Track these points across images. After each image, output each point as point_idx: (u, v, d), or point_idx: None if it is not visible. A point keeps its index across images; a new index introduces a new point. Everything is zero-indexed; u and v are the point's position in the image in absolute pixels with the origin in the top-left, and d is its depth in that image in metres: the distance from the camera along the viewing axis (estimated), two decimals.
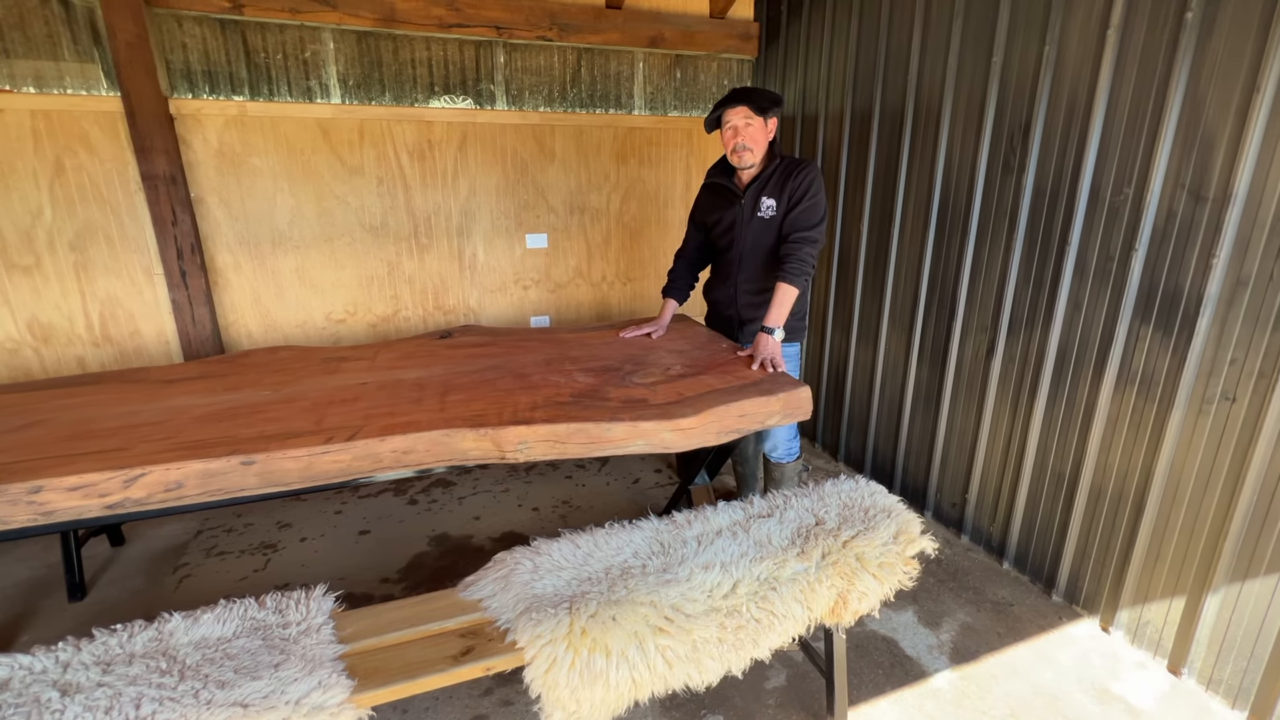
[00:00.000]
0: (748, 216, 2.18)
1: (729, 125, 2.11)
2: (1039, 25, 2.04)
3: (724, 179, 2.25)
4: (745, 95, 2.08)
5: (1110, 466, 1.99)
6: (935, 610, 2.16)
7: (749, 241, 2.20)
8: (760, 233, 2.17)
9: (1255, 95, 1.54)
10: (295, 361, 2.10)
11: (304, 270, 3.02)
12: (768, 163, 2.17)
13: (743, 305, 2.28)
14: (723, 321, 2.40)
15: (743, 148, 2.10)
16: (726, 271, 2.29)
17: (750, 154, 2.11)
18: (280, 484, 1.42)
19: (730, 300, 2.31)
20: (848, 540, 1.51)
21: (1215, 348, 1.69)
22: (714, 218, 2.30)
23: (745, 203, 2.18)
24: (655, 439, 1.60)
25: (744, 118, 2.08)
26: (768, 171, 2.15)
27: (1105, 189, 1.91)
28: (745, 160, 2.12)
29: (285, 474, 1.42)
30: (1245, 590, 1.68)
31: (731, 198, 2.23)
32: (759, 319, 2.12)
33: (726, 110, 2.10)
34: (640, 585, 1.35)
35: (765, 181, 2.15)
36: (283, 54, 2.82)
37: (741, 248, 2.21)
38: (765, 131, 2.13)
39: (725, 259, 2.30)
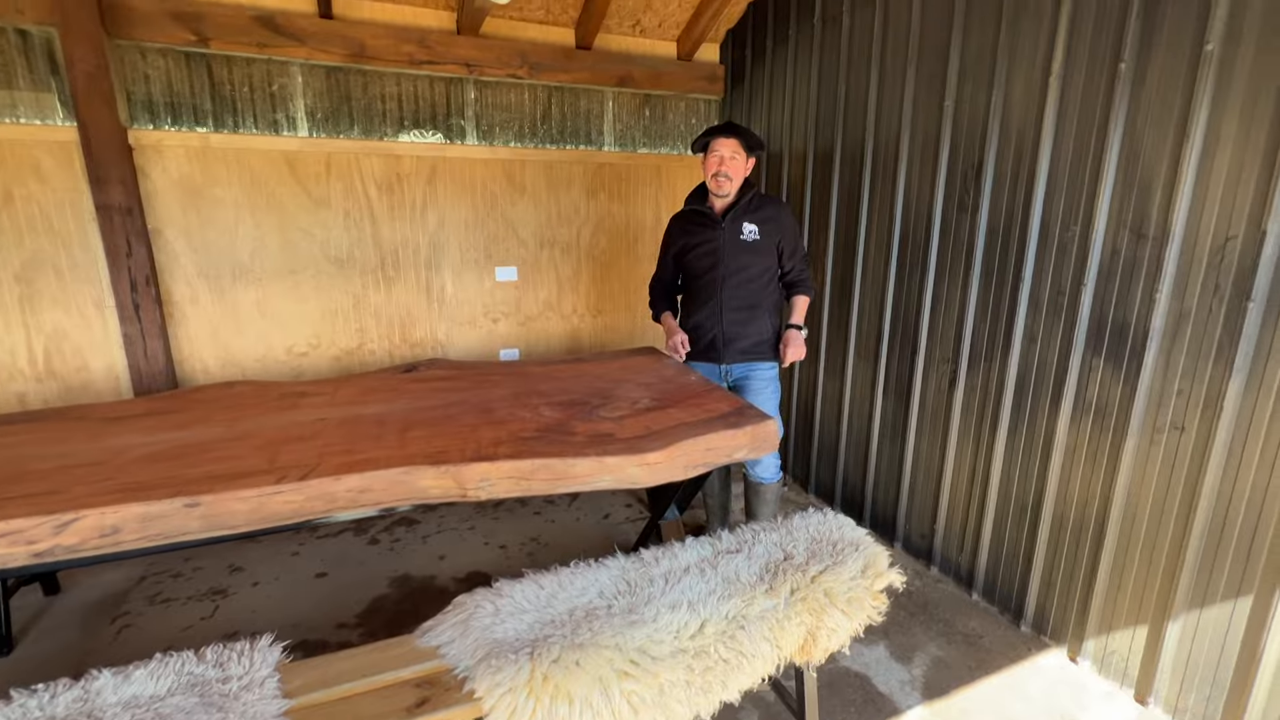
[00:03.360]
0: (729, 240, 2.29)
1: (716, 153, 2.23)
2: (986, 72, 2.15)
3: (701, 206, 2.34)
4: (738, 130, 2.23)
5: (1071, 496, 2.02)
6: (907, 644, 2.14)
7: (733, 262, 2.29)
8: (742, 254, 2.29)
9: (1186, 142, 1.64)
10: (251, 397, 2.03)
11: (265, 303, 2.95)
12: (741, 193, 2.30)
13: (728, 323, 2.33)
14: (704, 347, 2.40)
15: (725, 176, 2.22)
16: (709, 293, 2.34)
17: (729, 184, 2.24)
18: (227, 527, 1.35)
19: (715, 320, 2.34)
20: (816, 575, 1.50)
21: (1163, 378, 1.75)
22: (693, 241, 2.37)
23: (726, 227, 2.29)
24: (621, 475, 1.58)
25: (732, 150, 2.22)
26: (744, 201, 2.29)
27: (1054, 226, 1.99)
28: (724, 189, 2.25)
29: (232, 516, 1.35)
30: (1204, 617, 1.71)
31: (710, 223, 2.32)
32: (743, 336, 2.33)
33: (718, 139, 2.22)
34: (605, 627, 1.31)
35: (744, 209, 2.29)
36: (249, 87, 2.81)
37: (725, 268, 2.30)
38: (746, 168, 2.29)
39: (706, 280, 2.35)
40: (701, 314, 2.38)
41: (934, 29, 2.33)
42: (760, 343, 2.36)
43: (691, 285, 2.43)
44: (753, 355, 2.36)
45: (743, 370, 2.37)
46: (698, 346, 2.42)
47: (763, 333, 2.36)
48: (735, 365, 2.37)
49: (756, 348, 2.36)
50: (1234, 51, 1.54)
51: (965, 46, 2.22)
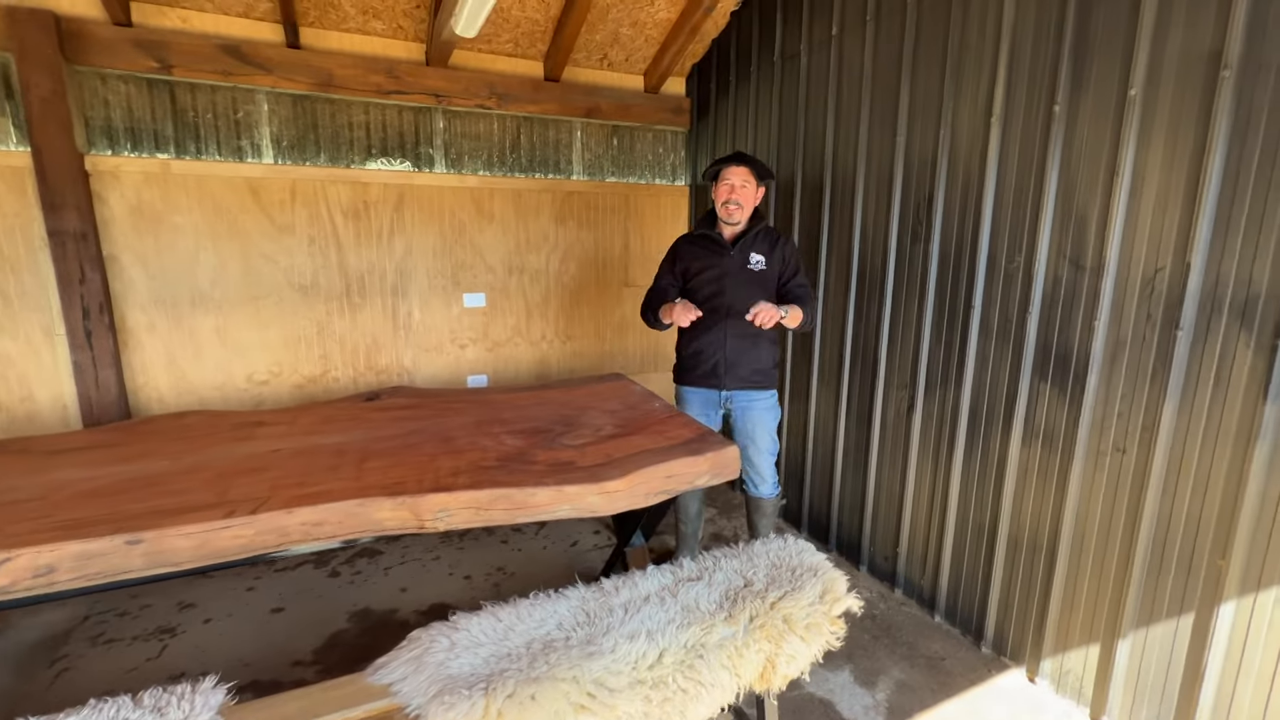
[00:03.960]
0: (737, 268, 2.32)
1: (726, 181, 2.27)
2: (934, 110, 2.25)
3: (711, 231, 2.37)
4: (749, 160, 2.28)
5: (1024, 517, 2.08)
6: (871, 668, 2.15)
7: (739, 289, 2.31)
8: (749, 283, 2.31)
9: (1116, 177, 1.74)
10: (203, 428, 1.98)
11: (225, 330, 2.90)
12: (751, 223, 2.36)
13: (730, 349, 2.34)
14: (704, 374, 2.40)
15: (735, 204, 2.27)
16: (714, 319, 2.34)
17: (740, 211, 2.28)
18: (171, 564, 1.31)
19: (719, 346, 2.35)
20: (775, 601, 1.51)
21: (1104, 403, 1.83)
22: (700, 264, 2.38)
23: (735, 255, 2.32)
24: (581, 503, 1.58)
25: (743, 179, 2.26)
26: (753, 230, 2.34)
27: (1000, 257, 2.08)
28: (734, 216, 2.29)
29: (177, 553, 1.31)
30: (1151, 634, 1.76)
31: (719, 249, 2.35)
32: (744, 363, 2.35)
33: (729, 167, 2.27)
34: (562, 659, 1.30)
35: (753, 239, 2.34)
36: (213, 113, 2.79)
37: (731, 295, 2.32)
38: (756, 196, 2.33)
39: (711, 305, 2.34)
40: (705, 339, 2.37)
41: (885, 70, 2.44)
42: (761, 370, 2.38)
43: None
44: (752, 383, 2.38)
45: (744, 399, 2.39)
46: (698, 372, 2.41)
47: (764, 361, 2.39)
48: (736, 392, 2.39)
49: (756, 375, 2.38)
50: (1155, 95, 1.65)
51: (914, 87, 2.33)
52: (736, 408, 2.42)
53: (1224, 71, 1.51)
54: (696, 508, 2.60)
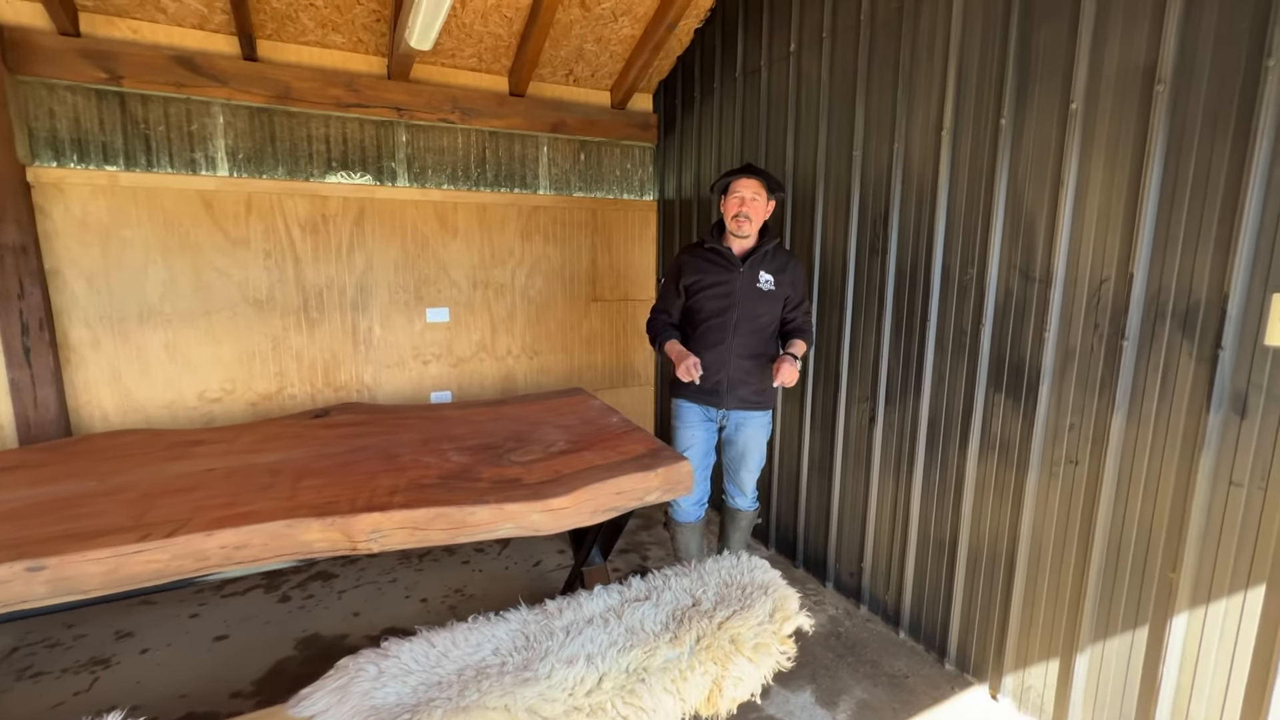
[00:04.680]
0: (746, 285, 2.23)
1: (736, 194, 2.18)
2: (888, 125, 2.27)
3: (720, 245, 2.26)
4: (760, 172, 2.19)
5: (983, 531, 2.06)
6: (833, 688, 2.11)
7: (746, 308, 2.23)
8: (757, 301, 2.24)
9: (1061, 188, 1.75)
10: (138, 447, 1.90)
11: (175, 346, 2.81)
12: (762, 239, 2.27)
13: (734, 369, 2.26)
14: (704, 391, 2.29)
15: (745, 217, 2.16)
16: (719, 336, 2.26)
17: (750, 225, 2.18)
18: (79, 592, 1.24)
19: (722, 364, 2.26)
20: (723, 621, 1.46)
21: (1056, 414, 1.82)
22: (707, 279, 2.27)
23: (745, 271, 2.23)
24: (523, 522, 1.53)
25: (754, 191, 2.17)
26: (764, 248, 2.24)
27: (954, 269, 2.08)
28: (744, 230, 2.18)
29: (85, 580, 1.24)
30: (1108, 648, 1.74)
31: (729, 264, 2.25)
32: (746, 383, 2.27)
33: (739, 180, 2.18)
34: (494, 687, 1.24)
35: (763, 256, 2.24)
36: (165, 125, 2.74)
37: (739, 313, 2.24)
38: (766, 210, 2.23)
39: (717, 323, 2.26)
40: (708, 356, 2.26)
41: (842, 85, 2.46)
42: (763, 391, 2.31)
43: (699, 326, 2.31)
44: (752, 404, 2.31)
45: (740, 417, 2.33)
46: (699, 388, 2.31)
47: (765, 382, 2.31)
48: (734, 411, 2.31)
49: (758, 396, 2.31)
50: (1095, 109, 1.67)
51: (869, 102, 2.35)
52: (731, 424, 2.35)
53: (1158, 85, 1.53)
54: (698, 543, 2.47)
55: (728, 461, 2.43)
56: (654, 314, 2.43)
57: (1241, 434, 1.45)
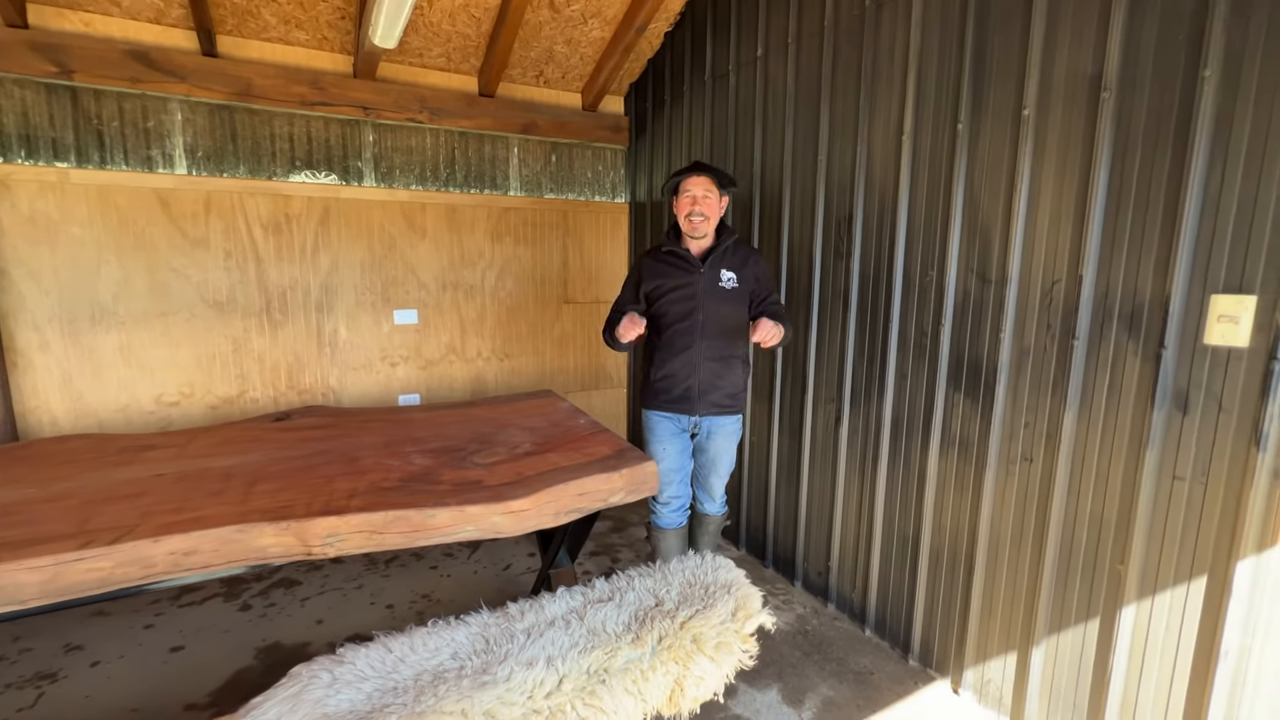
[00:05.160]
0: (708, 285, 2.18)
1: (688, 193, 2.14)
2: (851, 130, 2.31)
3: (678, 247, 2.22)
4: (709, 168, 2.15)
5: (944, 527, 2.10)
6: (799, 686, 2.12)
7: (711, 309, 2.19)
8: (722, 301, 2.19)
9: (1015, 192, 1.80)
10: (86, 452, 1.84)
11: (130, 348, 2.73)
12: (720, 237, 2.23)
13: (704, 373, 2.21)
14: (675, 399, 2.24)
15: (699, 216, 2.13)
16: (686, 341, 2.21)
17: (705, 223, 2.15)
18: (14, 601, 1.19)
19: (691, 370, 2.21)
20: (685, 621, 1.47)
21: (1012, 412, 1.86)
22: (669, 283, 2.23)
23: (706, 272, 2.18)
24: (484, 524, 1.51)
25: (704, 189, 2.13)
26: (723, 245, 2.20)
27: (915, 272, 2.12)
28: (700, 229, 2.15)
29: (21, 589, 1.19)
30: (1062, 641, 1.78)
31: (688, 266, 2.21)
32: (717, 387, 2.22)
33: (687, 179, 2.14)
34: (451, 692, 1.22)
35: (722, 254, 2.20)
36: (120, 121, 2.66)
37: (704, 314, 2.19)
38: (720, 206, 2.19)
39: (683, 327, 2.21)
40: (676, 362, 2.22)
41: (807, 90, 2.49)
42: (733, 394, 2.27)
43: (665, 332, 2.25)
44: (725, 408, 2.26)
45: (712, 423, 2.28)
46: (668, 396, 2.25)
47: (736, 384, 2.27)
48: (706, 418, 2.26)
49: (729, 400, 2.27)
50: (1046, 115, 1.72)
51: (834, 106, 2.38)
52: (703, 431, 2.30)
53: (1104, 92, 1.58)
54: (679, 549, 2.41)
55: (698, 468, 2.40)
56: (610, 315, 2.34)
57: (1184, 430, 1.50)
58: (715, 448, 2.31)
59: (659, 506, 2.33)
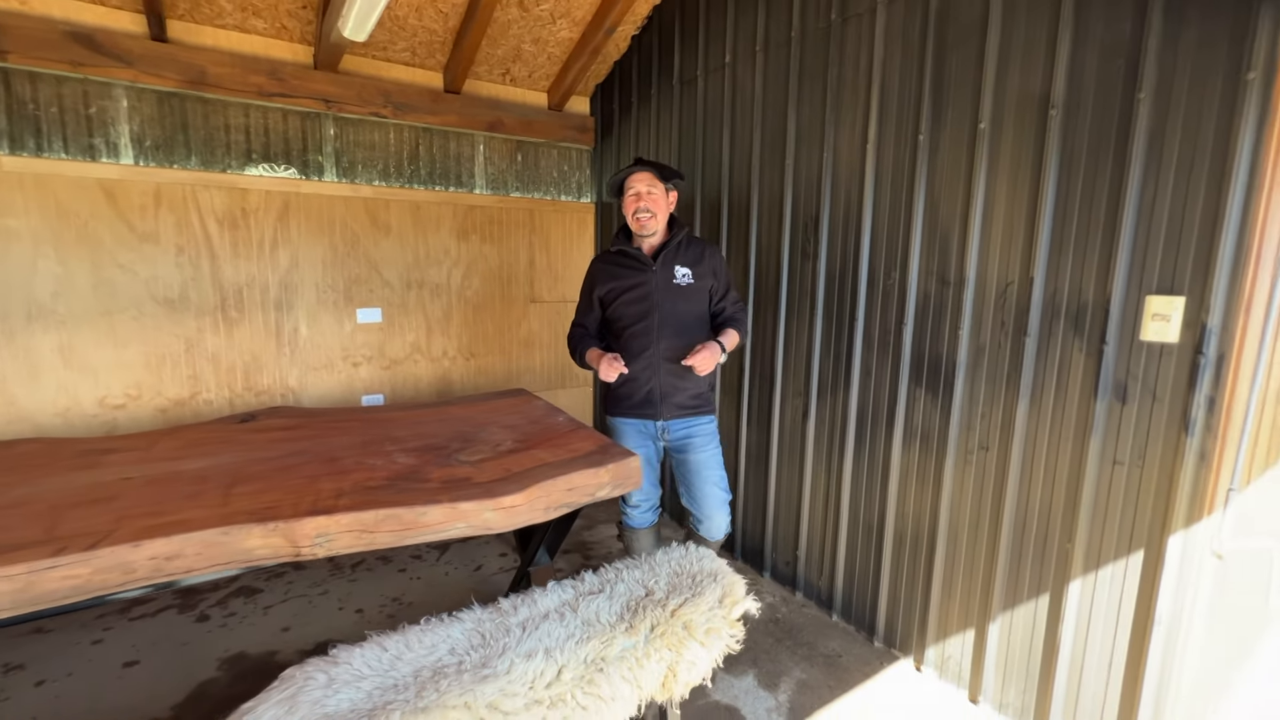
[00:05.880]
0: (662, 283, 2.13)
1: (632, 191, 2.11)
2: (818, 136, 2.41)
3: (629, 246, 2.18)
4: (650, 163, 2.12)
5: (907, 514, 2.22)
6: (774, 671, 2.21)
7: (668, 308, 2.13)
8: (677, 298, 2.14)
9: (971, 201, 1.93)
10: (39, 457, 1.74)
11: (71, 349, 2.56)
12: (671, 232, 2.19)
13: (664, 374, 2.14)
14: (637, 404, 2.18)
15: (645, 212, 2.09)
16: (644, 343, 2.14)
17: (653, 220, 2.10)
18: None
19: (652, 372, 2.14)
20: (675, 609, 1.51)
21: (969, 405, 2.00)
22: (622, 284, 2.17)
23: (658, 270, 2.13)
24: (476, 520, 1.52)
25: (647, 184, 2.09)
26: (675, 240, 2.16)
27: (879, 273, 2.24)
28: (648, 227, 2.10)
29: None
30: (1015, 617, 1.92)
31: (640, 265, 2.16)
32: (680, 389, 2.15)
33: (630, 176, 2.11)
34: (453, 686, 1.23)
35: (675, 250, 2.16)
36: (59, 107, 2.50)
37: (660, 315, 2.13)
38: (666, 201, 2.15)
39: (639, 329, 2.15)
40: (636, 366, 2.14)
41: (774, 97, 2.59)
42: (699, 395, 2.20)
43: (622, 335, 2.19)
44: (691, 410, 2.20)
45: (682, 428, 2.20)
46: (631, 401, 2.19)
47: (700, 384, 2.20)
48: (673, 421, 2.19)
49: (695, 400, 2.20)
50: (999, 129, 1.85)
51: (800, 114, 2.48)
52: (675, 438, 2.22)
53: (1052, 110, 1.72)
54: (652, 547, 2.37)
55: (684, 486, 2.27)
56: (571, 329, 2.33)
57: (1123, 419, 1.65)
58: (692, 452, 2.22)
59: (629, 509, 2.32)
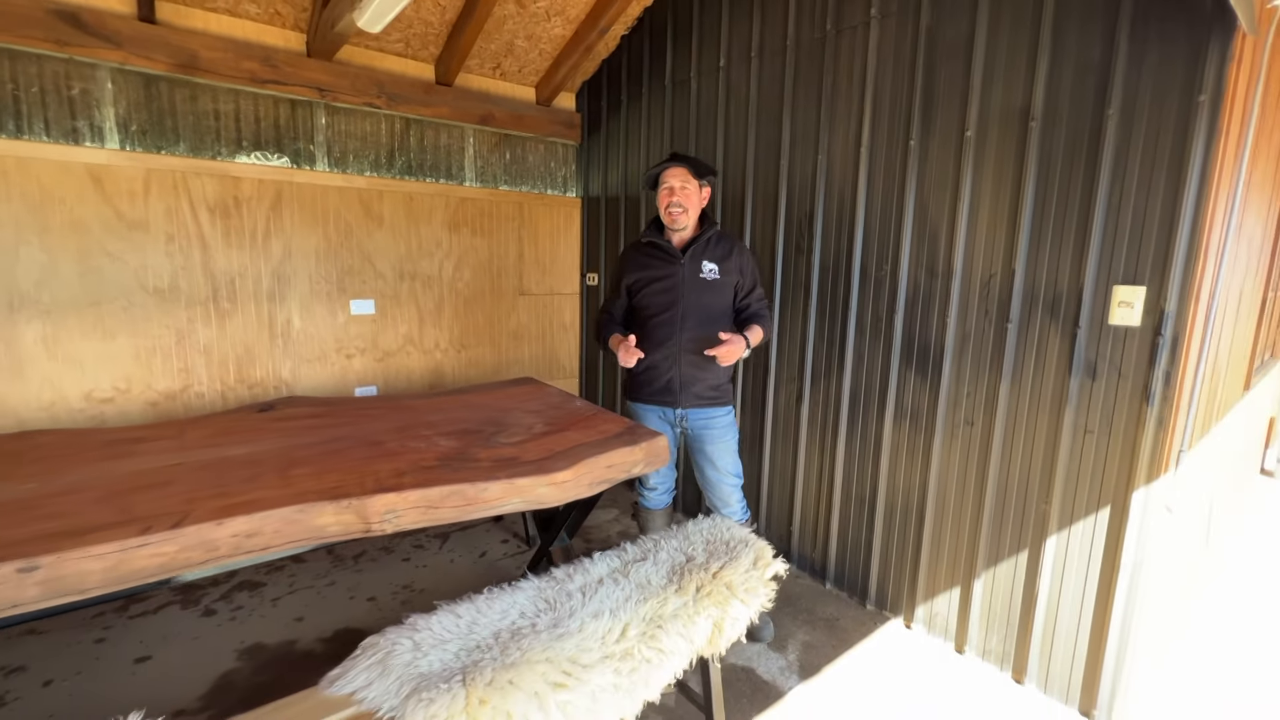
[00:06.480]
0: (689, 277, 2.20)
1: (666, 185, 2.17)
2: (813, 140, 2.59)
3: (659, 239, 2.25)
4: (686, 158, 2.18)
5: (897, 486, 2.43)
6: (780, 635, 2.38)
7: (693, 301, 2.20)
8: (703, 292, 2.20)
9: (959, 201, 2.14)
10: (62, 447, 1.70)
11: (56, 340, 2.46)
12: (701, 228, 2.25)
13: (685, 364, 2.21)
14: (657, 391, 2.25)
15: (678, 207, 2.15)
16: (667, 333, 2.21)
17: (685, 215, 2.17)
18: (75, 591, 1.14)
19: (673, 361, 2.21)
20: (717, 571, 1.65)
21: (956, 385, 2.22)
22: (650, 275, 2.24)
23: (686, 263, 2.20)
24: (531, 495, 1.61)
25: (681, 179, 2.15)
26: (704, 236, 2.22)
27: (871, 266, 2.44)
28: (679, 221, 2.17)
29: (84, 579, 1.14)
30: (997, 573, 2.16)
31: (669, 258, 2.22)
32: (700, 379, 2.23)
33: (665, 170, 2.17)
34: (534, 644, 1.32)
35: (704, 245, 2.22)
36: (39, 87, 2.39)
37: (684, 306, 2.20)
38: (699, 197, 2.21)
39: (664, 319, 2.22)
40: (658, 354, 2.21)
41: (769, 101, 2.75)
42: (718, 386, 2.27)
43: (647, 324, 2.25)
44: (710, 400, 2.26)
45: (700, 418, 2.27)
46: (651, 388, 2.26)
47: (721, 376, 2.27)
48: (691, 410, 2.25)
49: (714, 392, 2.26)
50: (984, 138, 2.07)
51: (795, 118, 2.66)
52: (693, 427, 2.28)
53: (1032, 122, 1.95)
54: (665, 526, 2.45)
55: (700, 475, 2.35)
56: (599, 313, 2.41)
57: (1093, 393, 1.90)
58: (708, 443, 2.28)
59: (647, 491, 2.41)
